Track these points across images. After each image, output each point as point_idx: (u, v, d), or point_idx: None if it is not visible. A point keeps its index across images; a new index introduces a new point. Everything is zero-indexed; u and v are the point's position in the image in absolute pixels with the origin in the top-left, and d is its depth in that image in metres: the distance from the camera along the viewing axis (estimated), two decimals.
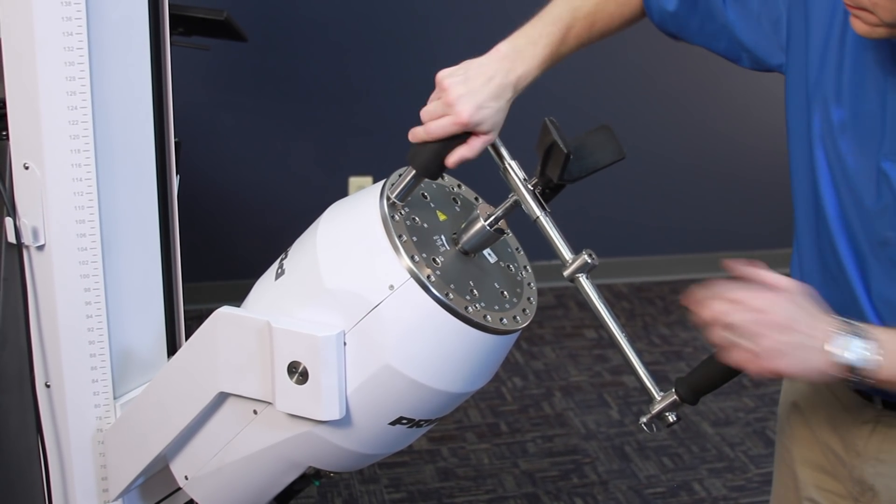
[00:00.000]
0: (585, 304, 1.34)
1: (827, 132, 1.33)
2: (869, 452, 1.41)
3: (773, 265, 1.20)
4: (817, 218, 1.37)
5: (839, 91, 1.32)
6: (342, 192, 3.82)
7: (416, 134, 1.34)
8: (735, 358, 1.18)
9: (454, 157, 1.34)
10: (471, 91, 1.31)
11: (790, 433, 1.56)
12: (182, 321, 1.65)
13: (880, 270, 1.31)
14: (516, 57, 1.36)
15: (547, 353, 3.67)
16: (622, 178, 3.92)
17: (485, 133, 1.34)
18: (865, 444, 1.41)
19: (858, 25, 1.20)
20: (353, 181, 3.88)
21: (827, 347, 1.16)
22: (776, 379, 1.25)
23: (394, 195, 1.34)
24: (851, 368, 1.16)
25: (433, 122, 1.32)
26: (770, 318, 1.16)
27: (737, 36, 1.43)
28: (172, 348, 1.63)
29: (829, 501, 1.49)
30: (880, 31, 1.19)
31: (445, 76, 1.33)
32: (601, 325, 1.34)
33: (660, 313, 4.02)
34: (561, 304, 3.94)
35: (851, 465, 1.44)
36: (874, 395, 1.39)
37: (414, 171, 1.35)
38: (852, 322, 1.18)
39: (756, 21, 1.41)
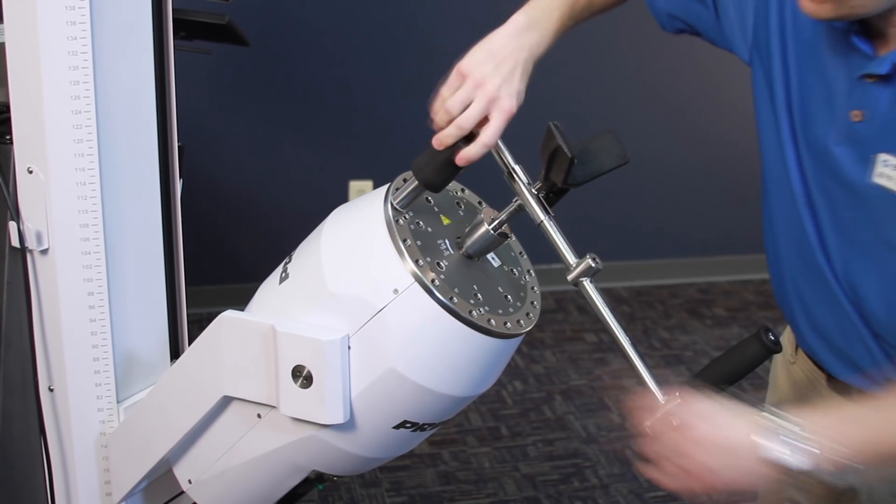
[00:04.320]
0: (585, 308, 1.35)
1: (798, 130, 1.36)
2: None
3: None
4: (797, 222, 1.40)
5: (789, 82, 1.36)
6: (342, 196, 3.84)
7: (441, 140, 1.31)
8: (670, 483, 1.18)
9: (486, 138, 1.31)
10: (506, 79, 1.31)
11: None
12: (185, 325, 1.65)
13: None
14: (532, 27, 1.37)
15: (547, 356, 3.67)
16: (622, 182, 3.92)
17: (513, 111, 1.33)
18: None
19: (806, 5, 1.22)
20: (354, 185, 3.88)
21: (756, 451, 1.14)
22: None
23: (397, 202, 1.34)
24: (786, 469, 1.14)
25: (464, 116, 1.30)
26: (698, 455, 1.16)
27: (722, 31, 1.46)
28: (175, 352, 1.63)
29: (810, 502, 1.49)
30: (826, 9, 1.20)
31: (474, 66, 1.31)
32: (604, 328, 1.34)
33: (660, 317, 4.02)
34: (561, 307, 3.94)
35: None
36: (853, 392, 1.40)
37: (417, 182, 1.34)
38: (776, 413, 1.16)
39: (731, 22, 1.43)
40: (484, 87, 1.30)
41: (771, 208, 1.45)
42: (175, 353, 1.63)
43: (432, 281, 1.29)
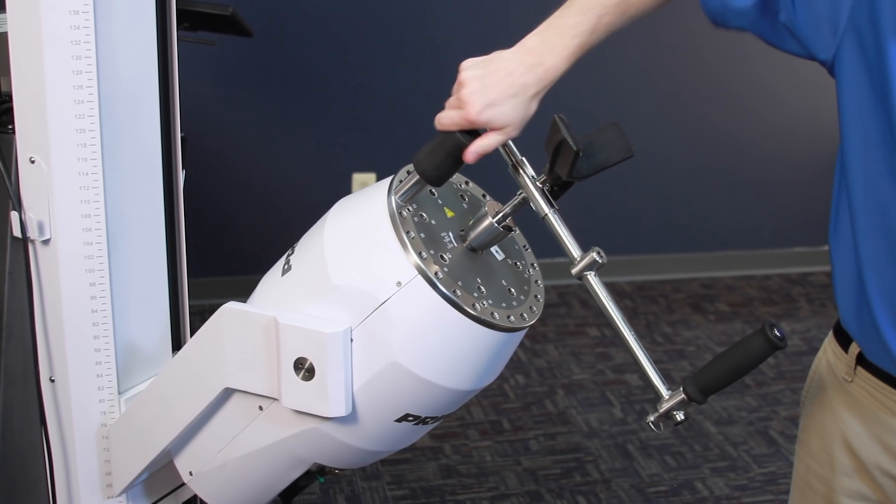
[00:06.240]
0: (588, 302, 1.35)
1: None
2: None
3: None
4: None
5: None
6: (345, 189, 3.84)
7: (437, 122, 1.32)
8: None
9: (471, 151, 1.30)
10: (485, 87, 1.28)
11: (829, 464, 1.47)
12: (187, 316, 1.65)
13: None
14: (544, 50, 1.32)
15: (550, 350, 3.67)
16: (625, 177, 3.92)
17: (499, 129, 1.30)
18: None
19: None
20: (357, 177, 3.87)
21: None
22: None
23: (400, 195, 1.33)
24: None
25: (444, 114, 1.30)
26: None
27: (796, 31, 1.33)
28: (177, 343, 1.62)
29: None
30: None
31: (466, 67, 1.30)
32: (608, 322, 1.33)
33: (662, 312, 4.02)
34: (564, 301, 3.94)
35: None
36: None
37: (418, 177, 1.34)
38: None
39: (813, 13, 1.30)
40: (463, 85, 1.29)
41: (857, 217, 1.32)
42: (177, 344, 1.62)
43: (436, 274, 1.28)
